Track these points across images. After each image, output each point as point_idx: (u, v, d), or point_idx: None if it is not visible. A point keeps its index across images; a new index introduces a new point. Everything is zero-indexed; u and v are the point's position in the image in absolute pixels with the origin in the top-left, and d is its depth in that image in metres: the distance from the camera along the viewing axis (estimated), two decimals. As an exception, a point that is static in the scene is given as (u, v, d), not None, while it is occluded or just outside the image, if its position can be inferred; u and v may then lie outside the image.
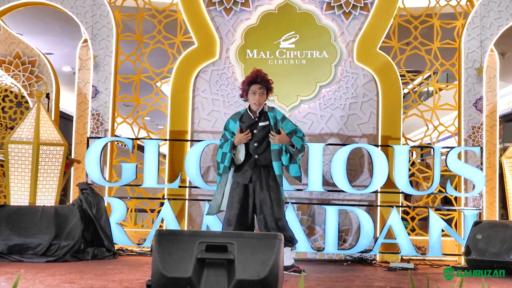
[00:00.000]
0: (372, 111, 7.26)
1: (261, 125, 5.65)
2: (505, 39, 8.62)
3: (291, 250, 5.68)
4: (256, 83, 5.63)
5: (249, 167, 5.62)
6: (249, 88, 5.65)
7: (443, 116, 8.06)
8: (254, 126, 5.64)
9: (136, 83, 7.68)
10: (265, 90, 5.66)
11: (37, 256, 6.11)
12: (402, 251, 6.80)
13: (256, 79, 5.63)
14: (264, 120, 5.67)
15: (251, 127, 5.63)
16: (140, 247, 7.15)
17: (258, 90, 5.62)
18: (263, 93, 5.65)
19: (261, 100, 5.65)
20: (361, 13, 7.37)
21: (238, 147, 5.64)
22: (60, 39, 10.44)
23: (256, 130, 5.63)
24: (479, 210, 6.95)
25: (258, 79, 5.63)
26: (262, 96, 5.65)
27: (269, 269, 3.77)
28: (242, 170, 5.65)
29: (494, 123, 7.43)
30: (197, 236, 3.95)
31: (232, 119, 5.75)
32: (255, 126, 5.64)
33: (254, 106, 5.66)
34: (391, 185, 6.90)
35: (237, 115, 5.75)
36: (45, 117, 6.97)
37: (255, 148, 5.61)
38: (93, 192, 6.78)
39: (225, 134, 5.73)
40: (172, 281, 3.80)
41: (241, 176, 5.63)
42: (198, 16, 7.43)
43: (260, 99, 5.64)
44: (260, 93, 5.63)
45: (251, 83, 5.65)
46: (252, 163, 5.62)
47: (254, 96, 5.63)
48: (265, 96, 5.68)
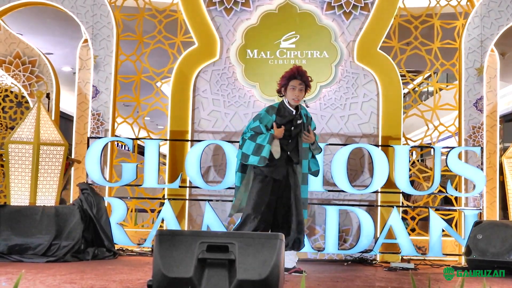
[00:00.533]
0: (373, 111, 7.26)
1: (299, 122, 5.55)
2: (505, 39, 8.61)
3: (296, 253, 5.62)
4: (296, 78, 5.51)
5: (283, 163, 5.50)
6: (289, 83, 5.52)
7: (444, 116, 8.06)
8: (292, 122, 5.53)
9: (137, 83, 7.68)
10: (304, 86, 5.54)
11: (38, 256, 6.10)
12: (403, 251, 6.80)
13: (296, 75, 5.52)
14: (300, 117, 5.57)
15: (289, 122, 5.51)
16: (141, 247, 7.15)
17: (298, 86, 5.50)
18: (302, 89, 5.53)
19: (300, 96, 5.53)
20: (361, 13, 7.37)
21: (275, 141, 5.46)
22: (61, 39, 10.44)
23: (294, 127, 5.52)
24: (480, 210, 6.95)
25: (298, 75, 5.52)
26: (301, 92, 5.53)
27: (270, 269, 3.77)
28: (274, 165, 5.48)
29: (494, 123, 7.43)
30: (198, 236, 3.95)
31: (267, 113, 5.55)
32: (294, 122, 5.53)
33: (293, 101, 5.52)
34: (391, 185, 6.90)
35: (273, 109, 5.57)
36: (46, 117, 6.97)
37: (287, 144, 5.51)
38: (94, 192, 6.78)
39: (258, 126, 5.51)
40: (173, 281, 3.79)
41: (275, 171, 5.48)
42: (199, 16, 7.43)
43: (299, 95, 5.51)
44: (300, 89, 5.51)
45: (291, 78, 5.52)
46: (285, 159, 5.50)
47: (293, 92, 5.50)
48: (303, 93, 5.56)
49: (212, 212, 6.89)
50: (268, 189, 5.47)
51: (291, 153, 5.52)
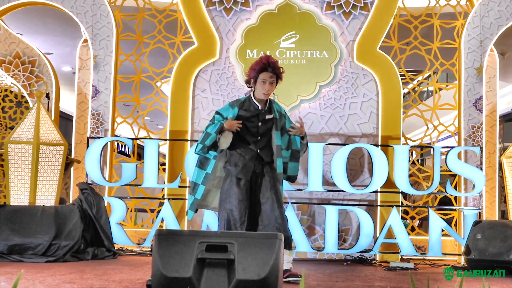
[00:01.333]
0: (372, 111, 7.27)
1: (267, 118, 5.13)
2: (505, 39, 8.63)
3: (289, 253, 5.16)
4: (266, 70, 5.06)
5: (251, 162, 5.09)
6: (258, 76, 5.08)
7: (443, 116, 8.07)
8: (258, 118, 5.12)
9: (136, 83, 7.68)
10: (275, 79, 5.10)
11: (37, 256, 6.11)
12: (402, 250, 6.80)
13: (267, 67, 5.07)
14: (269, 113, 5.15)
15: (255, 118, 5.12)
16: (140, 247, 7.15)
17: (269, 79, 5.05)
18: (273, 82, 5.09)
19: (271, 90, 5.09)
20: (361, 13, 7.37)
21: (226, 133, 5.04)
22: (60, 39, 10.44)
23: (261, 122, 5.11)
24: (479, 210, 6.95)
25: (269, 67, 5.07)
26: (272, 85, 5.09)
27: (269, 269, 3.77)
28: (242, 164, 5.10)
29: (494, 123, 7.43)
30: (197, 236, 3.95)
31: (230, 105, 5.17)
32: (260, 117, 5.13)
33: (263, 96, 5.09)
34: (391, 185, 6.91)
35: (237, 102, 5.18)
36: (45, 117, 6.97)
37: (257, 141, 5.12)
38: (93, 192, 6.78)
39: (215, 117, 5.15)
40: (172, 281, 3.79)
41: (241, 171, 5.09)
42: (198, 16, 7.43)
43: (270, 89, 5.08)
44: (270, 82, 5.07)
45: (261, 71, 5.07)
46: (254, 157, 5.10)
47: (263, 86, 5.05)
48: (274, 86, 5.12)
49: (211, 212, 6.88)
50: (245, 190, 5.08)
51: (261, 151, 5.12)
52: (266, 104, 5.17)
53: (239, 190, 5.08)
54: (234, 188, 5.10)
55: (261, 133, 5.13)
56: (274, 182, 5.14)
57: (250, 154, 5.12)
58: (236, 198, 5.07)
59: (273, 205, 5.06)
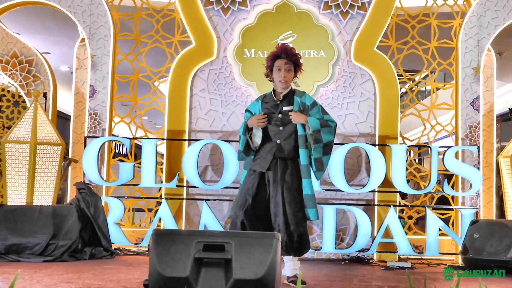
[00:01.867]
0: (370, 110, 7.27)
1: (286, 109, 4.98)
2: (502, 39, 8.64)
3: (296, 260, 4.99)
4: (280, 58, 4.96)
5: (270, 154, 4.93)
6: (273, 64, 4.98)
7: (441, 115, 8.07)
8: (277, 109, 4.99)
9: (134, 82, 7.68)
10: (292, 66, 4.97)
11: (35, 256, 6.11)
12: (400, 250, 6.81)
13: (281, 54, 4.96)
14: (288, 104, 4.99)
15: (274, 109, 5.00)
16: (138, 246, 7.15)
17: (284, 66, 4.94)
18: (290, 69, 4.96)
19: (288, 77, 4.95)
20: (358, 13, 7.37)
21: (254, 130, 4.99)
22: (58, 38, 10.43)
23: (281, 113, 4.96)
24: (476, 209, 6.96)
25: (283, 54, 4.96)
26: (289, 72, 4.95)
27: (267, 268, 3.78)
28: (260, 156, 4.98)
29: (491, 123, 7.44)
30: (195, 236, 3.96)
31: (256, 100, 5.13)
32: (279, 109, 4.99)
33: (280, 84, 4.96)
34: (388, 184, 6.91)
35: (261, 96, 5.12)
36: (43, 116, 6.97)
37: (278, 132, 4.96)
38: (91, 191, 6.78)
39: (245, 116, 5.13)
40: (169, 280, 3.80)
41: (259, 163, 4.96)
42: (196, 15, 7.42)
43: (287, 76, 4.94)
44: (286, 69, 4.94)
45: (275, 58, 4.98)
46: (273, 149, 4.94)
47: (279, 73, 4.94)
48: (292, 73, 4.98)
49: (210, 211, 6.89)
50: (252, 185, 4.94)
51: (283, 142, 4.95)
52: (287, 94, 5.03)
53: (250, 181, 4.97)
54: (246, 178, 5.01)
55: (282, 124, 4.97)
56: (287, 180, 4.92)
57: (270, 145, 4.97)
58: (242, 190, 4.97)
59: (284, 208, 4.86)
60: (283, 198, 4.88)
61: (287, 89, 5.05)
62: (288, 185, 4.91)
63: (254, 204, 4.90)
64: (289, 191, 4.89)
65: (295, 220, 4.86)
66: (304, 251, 4.96)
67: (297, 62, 5.04)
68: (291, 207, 4.87)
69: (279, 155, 4.96)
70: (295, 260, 4.99)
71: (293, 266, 4.99)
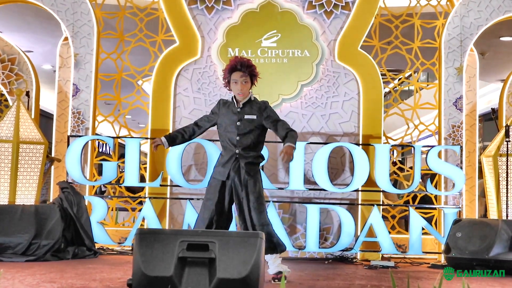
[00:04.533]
0: (354, 110, 7.29)
1: (247, 118, 5.11)
2: (485, 39, 8.70)
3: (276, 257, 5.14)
4: (237, 70, 5.08)
5: (229, 162, 5.08)
6: (230, 77, 5.11)
7: (424, 115, 8.12)
8: (237, 117, 5.11)
9: (117, 81, 7.65)
10: (248, 77, 5.09)
11: (17, 255, 6.07)
12: (383, 249, 6.84)
13: (236, 66, 5.08)
14: (251, 113, 5.12)
15: (234, 117, 5.12)
16: (121, 246, 7.13)
17: (240, 79, 5.07)
18: (247, 81, 5.09)
19: (244, 90, 5.08)
20: (342, 12, 7.39)
21: None
22: (41, 36, 10.35)
23: (240, 122, 5.09)
24: (459, 208, 7.01)
25: (239, 66, 5.07)
26: (246, 84, 5.09)
27: (250, 267, 3.78)
28: (221, 164, 5.13)
29: (474, 122, 7.49)
30: (178, 235, 3.95)
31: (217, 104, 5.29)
32: (239, 117, 5.11)
33: (238, 96, 5.11)
34: (372, 183, 6.94)
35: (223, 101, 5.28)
36: (25, 115, 6.92)
37: (238, 140, 5.07)
38: (74, 191, 6.75)
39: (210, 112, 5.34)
40: (153, 280, 3.79)
41: (219, 171, 5.12)
42: (180, 14, 7.40)
43: (243, 88, 5.08)
44: (243, 82, 5.07)
45: (232, 71, 5.10)
46: (233, 157, 5.07)
47: (236, 86, 5.09)
48: (249, 84, 5.11)
49: (193, 210, 6.87)
50: (214, 192, 5.10)
51: (243, 150, 5.07)
52: (245, 103, 5.16)
53: (211, 189, 5.13)
54: (209, 187, 5.17)
55: (241, 134, 5.11)
56: (247, 184, 5.07)
57: (229, 154, 5.13)
58: (206, 198, 5.14)
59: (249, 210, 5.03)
60: (247, 201, 5.04)
61: (247, 98, 5.18)
62: (251, 188, 5.05)
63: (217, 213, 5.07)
64: (252, 194, 5.05)
65: (260, 221, 5.02)
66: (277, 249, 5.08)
67: (253, 73, 5.15)
68: (255, 209, 5.03)
69: (239, 162, 5.10)
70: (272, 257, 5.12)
71: (274, 263, 5.12)
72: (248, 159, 5.10)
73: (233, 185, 5.09)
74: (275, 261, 5.13)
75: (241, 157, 5.09)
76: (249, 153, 5.11)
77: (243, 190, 5.07)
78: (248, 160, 5.10)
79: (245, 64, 5.10)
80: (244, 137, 5.12)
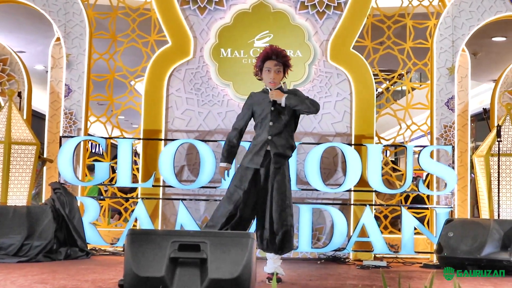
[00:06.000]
0: (346, 110, 7.30)
1: (280, 106, 5.09)
2: (476, 39, 8.73)
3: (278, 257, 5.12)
4: (270, 59, 5.07)
5: (262, 150, 5.04)
6: (263, 65, 5.10)
7: (416, 115, 8.14)
8: (271, 104, 5.09)
9: (110, 81, 7.64)
10: (281, 67, 5.10)
11: (9, 256, 6.05)
12: (375, 249, 6.85)
13: (271, 55, 5.08)
14: None
15: (268, 105, 5.10)
16: (114, 246, 7.12)
17: (274, 67, 5.07)
18: (279, 71, 5.09)
19: (277, 79, 5.09)
20: (334, 13, 7.40)
21: None
22: (33, 37, 10.33)
23: (274, 109, 5.07)
24: (451, 208, 7.03)
25: (273, 55, 5.07)
26: (278, 74, 5.09)
27: (242, 268, 3.78)
28: (252, 152, 5.07)
29: (466, 122, 7.51)
30: (170, 235, 3.95)
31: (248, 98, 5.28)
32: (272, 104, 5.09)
33: (270, 85, 5.10)
34: (364, 183, 6.95)
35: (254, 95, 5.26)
36: (17, 116, 6.91)
37: (270, 127, 5.05)
38: (66, 191, 6.74)
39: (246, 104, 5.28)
40: (144, 280, 3.79)
41: (252, 159, 5.05)
42: (172, 14, 7.40)
43: (276, 78, 5.08)
44: (276, 71, 5.07)
45: (265, 59, 5.09)
46: (265, 145, 5.04)
47: (269, 74, 5.07)
48: (281, 74, 5.12)
49: (186, 211, 6.88)
50: (244, 180, 5.02)
51: (273, 137, 5.05)
52: None
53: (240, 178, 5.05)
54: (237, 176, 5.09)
55: (273, 119, 5.07)
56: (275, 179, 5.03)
57: (262, 141, 5.07)
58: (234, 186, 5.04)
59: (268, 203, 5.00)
60: (271, 196, 5.00)
61: (277, 87, 5.15)
62: (278, 183, 5.01)
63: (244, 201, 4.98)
64: (279, 189, 5.01)
65: (281, 219, 4.97)
66: (286, 250, 5.07)
67: (287, 63, 5.15)
68: (278, 206, 4.99)
69: (272, 151, 5.04)
70: (275, 257, 5.11)
71: (273, 264, 5.10)
72: (279, 149, 5.06)
73: (264, 174, 5.04)
74: (276, 261, 5.12)
75: (272, 146, 5.04)
76: (281, 142, 5.08)
77: (270, 182, 5.03)
78: (278, 150, 5.06)
79: (280, 54, 5.09)
80: (277, 123, 5.09)
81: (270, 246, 5.02)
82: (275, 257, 5.10)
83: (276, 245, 5.00)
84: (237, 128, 5.26)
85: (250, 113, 5.25)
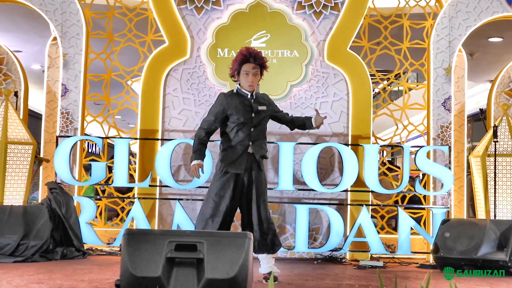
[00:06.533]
0: (343, 110, 7.31)
1: (261, 109, 5.10)
2: (473, 40, 8.74)
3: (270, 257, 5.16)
4: (248, 62, 5.02)
5: (243, 155, 5.01)
6: (241, 68, 5.04)
7: (413, 115, 8.15)
8: (252, 109, 5.06)
9: (107, 81, 7.63)
10: (259, 69, 5.06)
11: (5, 256, 6.04)
12: (372, 249, 6.85)
13: (249, 58, 5.03)
14: (261, 104, 5.12)
15: (248, 109, 5.06)
16: (110, 246, 7.11)
17: (252, 70, 5.02)
18: (257, 73, 5.06)
19: (255, 82, 5.05)
20: (331, 13, 7.40)
21: None
22: (29, 36, 10.32)
23: (255, 114, 5.06)
24: (448, 209, 7.03)
25: (250, 58, 5.02)
26: (256, 76, 5.06)
27: (239, 268, 3.78)
28: (233, 158, 5.02)
29: (462, 123, 7.52)
30: (167, 235, 3.95)
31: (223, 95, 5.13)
32: (254, 109, 5.07)
33: (248, 88, 5.05)
34: (361, 184, 6.95)
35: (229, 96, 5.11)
36: (13, 115, 6.90)
37: (250, 133, 5.03)
38: (62, 191, 6.73)
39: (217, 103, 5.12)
40: (141, 280, 3.79)
41: (234, 164, 5.00)
42: (169, 14, 7.40)
43: (254, 81, 5.04)
44: (254, 74, 5.03)
45: (243, 62, 5.04)
46: (246, 150, 5.02)
47: (247, 77, 5.03)
48: (259, 77, 5.09)
49: (183, 211, 6.87)
50: (229, 186, 4.99)
51: (254, 143, 5.04)
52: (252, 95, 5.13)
53: (223, 185, 5.00)
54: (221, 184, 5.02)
55: (255, 125, 5.07)
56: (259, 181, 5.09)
57: (242, 147, 5.03)
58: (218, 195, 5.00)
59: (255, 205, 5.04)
60: (256, 198, 5.04)
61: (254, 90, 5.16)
62: (262, 185, 5.10)
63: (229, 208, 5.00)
64: (261, 190, 5.09)
65: (268, 218, 5.09)
66: (277, 248, 5.15)
67: (264, 65, 5.12)
68: (264, 206, 5.09)
69: (256, 154, 5.08)
70: (268, 257, 5.14)
71: (268, 264, 5.14)
72: (260, 152, 5.09)
73: (247, 178, 5.05)
74: (269, 261, 5.15)
75: (254, 150, 5.06)
76: (261, 145, 5.12)
77: (254, 184, 5.05)
78: (260, 153, 5.09)
79: (257, 56, 5.06)
80: (258, 128, 5.11)
81: (262, 247, 5.06)
82: (268, 257, 5.13)
83: (268, 244, 5.07)
84: (206, 129, 5.13)
85: (223, 117, 5.11)
